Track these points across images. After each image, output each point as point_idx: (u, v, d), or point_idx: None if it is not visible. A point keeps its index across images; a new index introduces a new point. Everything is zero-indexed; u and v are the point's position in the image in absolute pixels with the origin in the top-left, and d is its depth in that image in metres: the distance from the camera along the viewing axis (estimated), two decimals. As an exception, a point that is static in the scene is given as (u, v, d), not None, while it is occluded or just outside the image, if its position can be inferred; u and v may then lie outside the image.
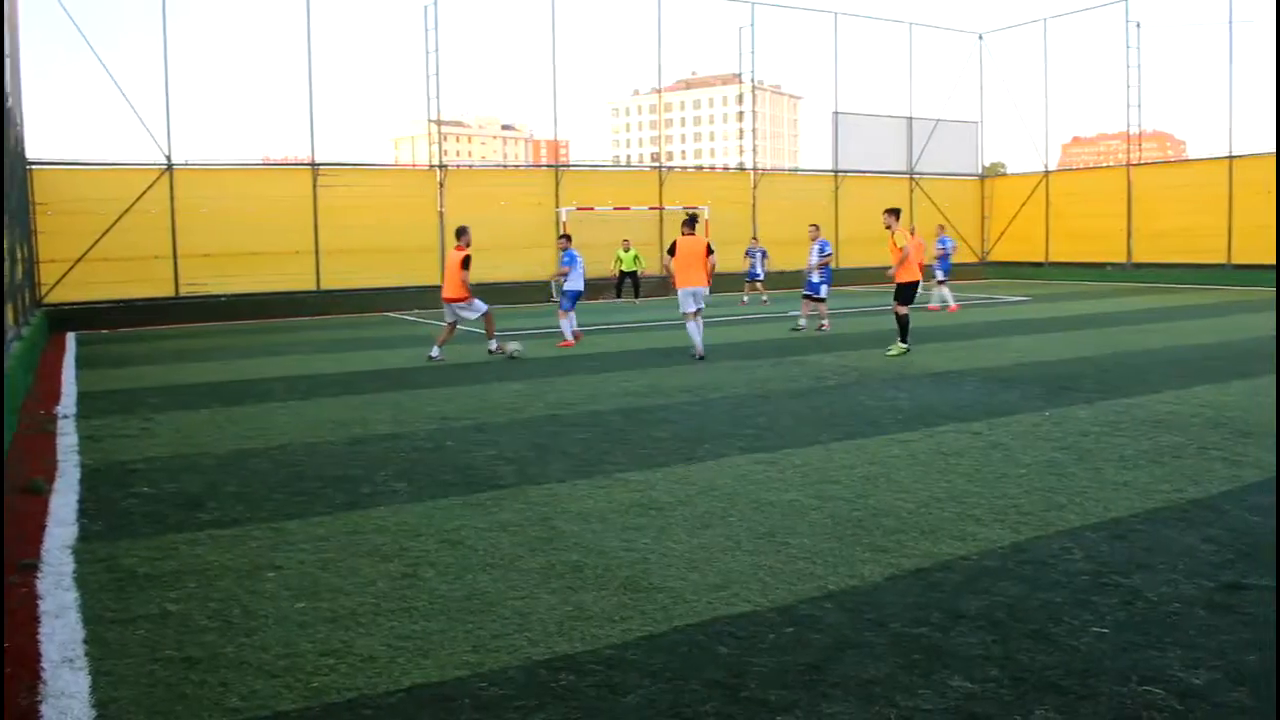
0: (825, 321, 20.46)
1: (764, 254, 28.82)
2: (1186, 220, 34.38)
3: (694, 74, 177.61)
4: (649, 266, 31.13)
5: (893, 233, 16.42)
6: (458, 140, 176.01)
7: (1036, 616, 5.19)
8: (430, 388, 13.47)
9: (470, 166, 50.13)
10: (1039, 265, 38.65)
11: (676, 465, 8.68)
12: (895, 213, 16.75)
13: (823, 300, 20.51)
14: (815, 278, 20.41)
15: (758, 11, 35.84)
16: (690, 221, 16.44)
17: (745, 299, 28.92)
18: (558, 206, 31.74)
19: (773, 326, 21.66)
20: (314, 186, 28.65)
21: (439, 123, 31.98)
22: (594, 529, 6.83)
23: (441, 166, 31.38)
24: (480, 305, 17.08)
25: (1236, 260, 33.19)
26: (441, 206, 30.47)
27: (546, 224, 31.71)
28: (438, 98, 31.00)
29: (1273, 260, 31.93)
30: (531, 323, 23.59)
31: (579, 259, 19.13)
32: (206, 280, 27.26)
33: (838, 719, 4.13)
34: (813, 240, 20.96)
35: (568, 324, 18.66)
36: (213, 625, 5.22)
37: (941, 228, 27.86)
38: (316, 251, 28.64)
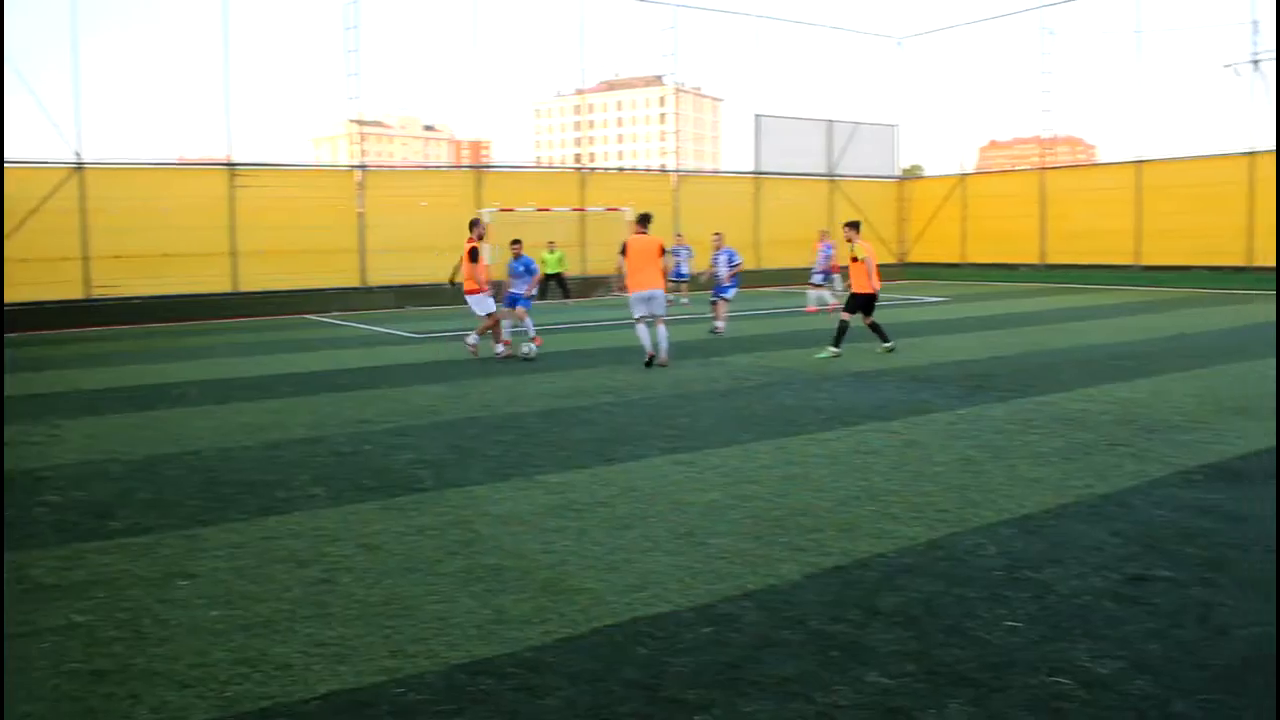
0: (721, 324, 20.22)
1: (689, 252, 28.70)
2: (1097, 222, 35.19)
3: (616, 76, 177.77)
4: (572, 268, 31.10)
5: (853, 245, 16.59)
6: (379, 140, 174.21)
7: (951, 612, 5.28)
8: (350, 391, 13.32)
9: (391, 167, 49.62)
10: (956, 266, 39.29)
11: (596, 467, 8.68)
12: (855, 225, 16.95)
13: (728, 301, 20.50)
14: (727, 282, 20.28)
15: (680, 14, 35.99)
16: (644, 219, 15.64)
17: (670, 298, 28.58)
18: (479, 208, 31.55)
19: (696, 327, 21.74)
20: (230, 186, 28.14)
21: (360, 123, 31.68)
22: (513, 531, 6.82)
23: (362, 167, 31.03)
24: (489, 305, 17.00)
25: (1145, 262, 34.04)
26: (362, 207, 30.12)
27: (467, 225, 31.48)
28: (358, 97, 30.73)
29: (1179, 262, 32.86)
30: (453, 325, 23.42)
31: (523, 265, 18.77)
32: (118, 282, 26.64)
33: (756, 717, 4.17)
34: (717, 248, 21.03)
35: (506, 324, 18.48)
36: (122, 636, 5.11)
37: (824, 233, 28.02)
38: (233, 253, 28.13)
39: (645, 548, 6.41)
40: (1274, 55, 25.34)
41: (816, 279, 26.15)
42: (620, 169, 79.25)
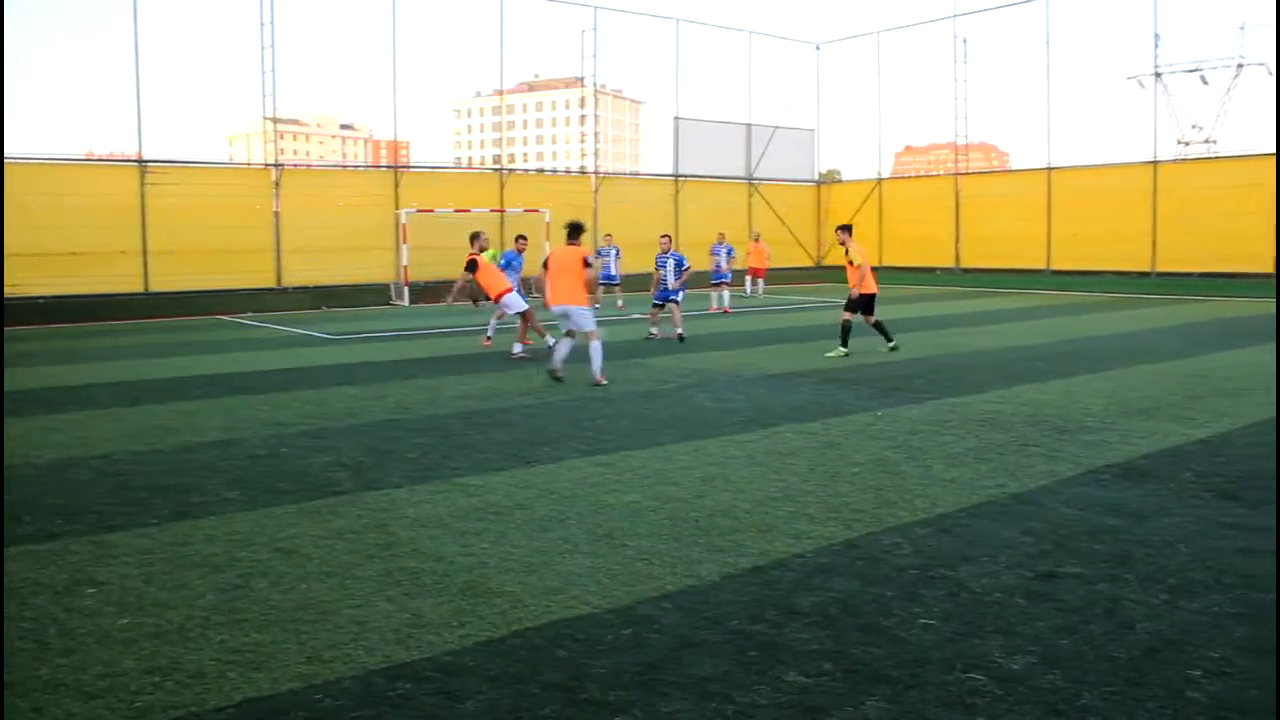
0: (681, 329, 19.67)
1: (618, 253, 28.41)
2: (1009, 228, 35.96)
3: (536, 76, 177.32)
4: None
5: (847, 249, 16.99)
6: (295, 139, 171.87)
7: (868, 610, 5.36)
8: (265, 393, 13.12)
9: (308, 166, 49.00)
10: (873, 269, 39.72)
11: (515, 469, 8.66)
12: (847, 229, 17.45)
13: (678, 304, 19.89)
14: (674, 287, 19.84)
15: (600, 16, 36.02)
16: (572, 230, 14.11)
17: (619, 302, 27.99)
18: (397, 208, 31.29)
19: (619, 329, 21.75)
20: (141, 184, 27.52)
21: (275, 120, 31.18)
22: (432, 534, 6.77)
23: (278, 165, 30.57)
24: (519, 303, 16.81)
25: (1055, 266, 34.83)
26: (277, 207, 29.66)
27: (386, 225, 31.22)
28: (274, 95, 30.20)
29: (1087, 267, 33.67)
30: (371, 326, 23.19)
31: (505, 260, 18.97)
32: (24, 282, 25.87)
33: (675, 718, 4.19)
34: (665, 251, 20.25)
35: (492, 323, 18.81)
36: (25, 646, 4.97)
37: (722, 235, 28.27)
38: (144, 252, 27.51)
39: (565, 550, 6.41)
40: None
41: (721, 279, 26.72)
42: (540, 170, 79.14)
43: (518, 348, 16.60)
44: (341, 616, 5.31)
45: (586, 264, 13.80)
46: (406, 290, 30.67)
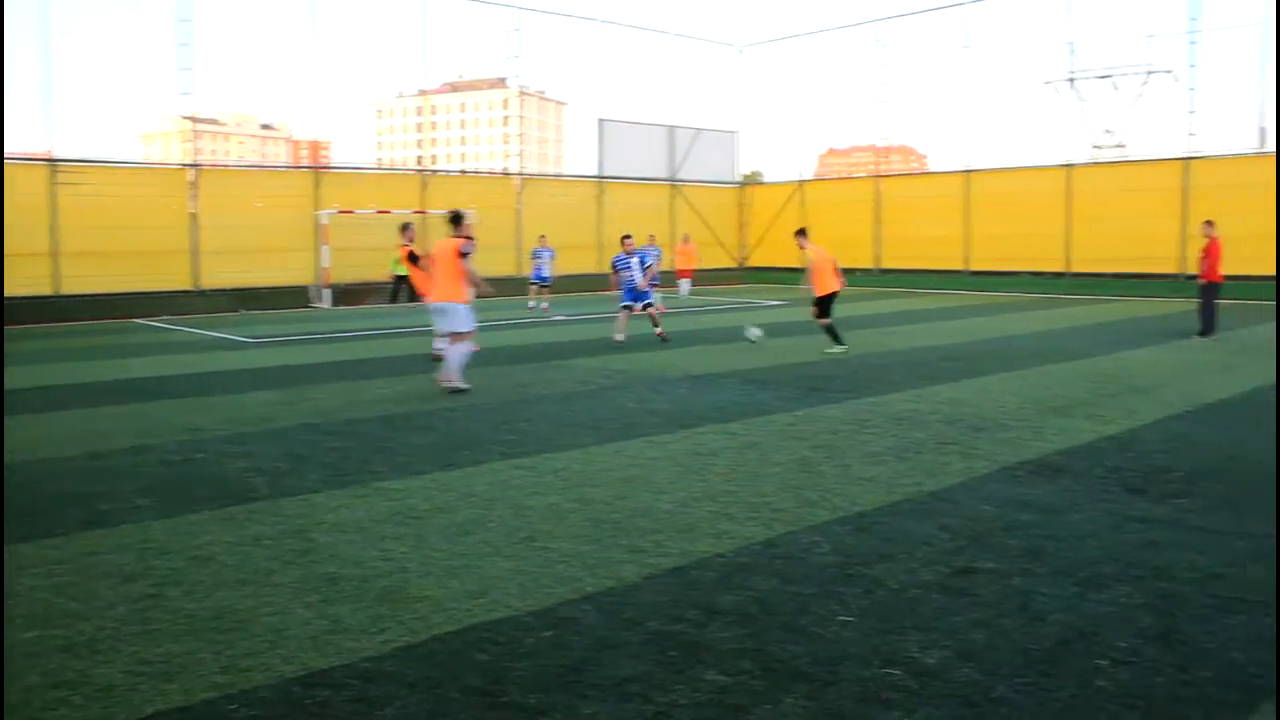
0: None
1: (552, 254, 28.13)
2: (928, 229, 36.49)
3: (460, 77, 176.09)
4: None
5: (805, 251, 17.47)
6: (213, 138, 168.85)
7: (787, 608, 5.41)
8: (181, 398, 12.87)
9: (226, 166, 48.17)
10: (795, 270, 39.99)
11: (436, 472, 8.60)
12: (803, 232, 17.93)
13: (651, 305, 19.19)
14: (644, 287, 19.25)
15: (524, 17, 35.91)
16: (455, 219, 13.26)
17: (531, 304, 27.73)
18: (318, 209, 30.90)
19: (543, 330, 21.71)
20: (52, 184, 26.82)
21: (193, 119, 30.66)
22: (351, 540, 6.70)
23: (195, 165, 30.01)
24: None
25: (973, 267, 35.41)
26: (195, 207, 29.10)
27: (306, 226, 30.80)
28: (191, 93, 29.68)
29: (1004, 267, 34.29)
30: (291, 329, 22.87)
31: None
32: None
33: (595, 719, 4.19)
34: (629, 252, 19.08)
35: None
36: (-71, 659, 4.83)
37: (652, 237, 28.42)
38: (55, 253, 26.79)
39: (485, 553, 6.38)
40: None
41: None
42: (463, 171, 78.52)
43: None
44: (258, 625, 5.23)
45: (462, 255, 12.76)
46: (327, 292, 30.29)
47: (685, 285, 33.21)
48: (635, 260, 19.02)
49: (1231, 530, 6.76)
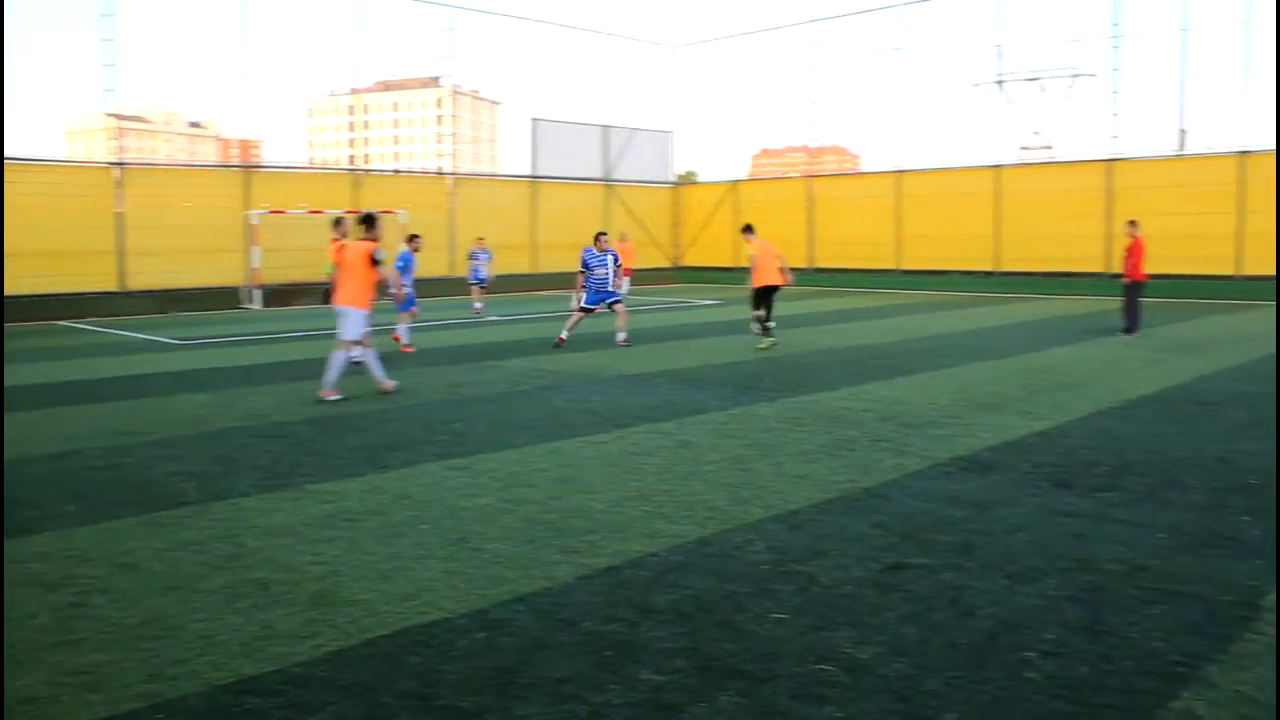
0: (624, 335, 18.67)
1: (489, 256, 27.66)
2: (861, 229, 36.86)
3: (393, 76, 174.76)
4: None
5: (748, 245, 17.79)
6: (140, 136, 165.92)
7: (722, 607, 5.43)
8: (107, 401, 12.61)
9: (153, 164, 47.27)
10: (729, 270, 40.33)
11: (369, 474, 8.52)
12: (748, 228, 18.20)
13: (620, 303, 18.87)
14: (619, 286, 19.00)
15: (457, 16, 35.73)
16: (366, 221, 12.87)
17: (479, 305, 26.86)
18: (248, 209, 30.46)
19: (478, 331, 21.59)
20: (-33, 183, 26.13)
21: (118, 116, 30.00)
22: (282, 543, 6.61)
23: (120, 164, 29.42)
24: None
25: (905, 266, 35.84)
26: (120, 207, 28.54)
27: (235, 227, 30.34)
28: (115, 90, 29.06)
29: (935, 267, 34.74)
30: (220, 330, 22.52)
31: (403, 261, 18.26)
32: None
33: (529, 720, 4.18)
34: (603, 250, 18.58)
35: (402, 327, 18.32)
36: None
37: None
38: (-29, 255, 26.10)
39: (418, 555, 6.33)
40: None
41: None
42: (396, 171, 77.83)
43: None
44: (186, 632, 5.14)
45: (373, 261, 12.46)
46: (259, 293, 29.88)
47: (625, 284, 33.26)
48: (609, 258, 18.56)
49: (1154, 523, 6.90)
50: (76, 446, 9.87)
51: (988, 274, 33.65)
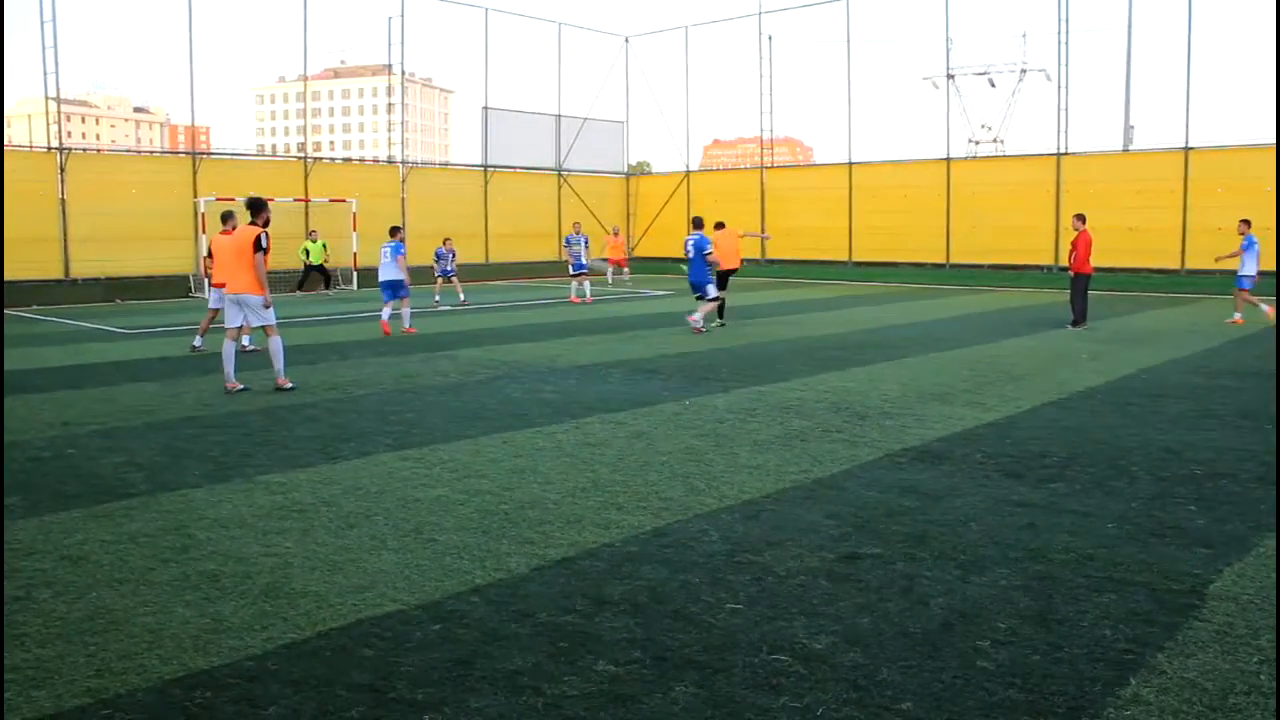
0: (697, 317, 18.95)
1: (453, 254, 27.08)
2: (813, 220, 37.00)
3: (343, 63, 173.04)
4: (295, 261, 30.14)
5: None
6: (83, 121, 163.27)
7: (677, 597, 5.43)
8: (50, 391, 12.40)
9: (97, 150, 46.52)
10: (681, 261, 40.30)
11: (320, 465, 8.44)
12: (720, 225, 20.29)
13: (715, 300, 19.22)
14: (704, 278, 19.12)
15: (408, 3, 35.38)
16: (253, 206, 12.43)
17: (463, 297, 26.61)
18: (196, 196, 30.03)
19: (431, 320, 21.44)
20: (-96, 168, 25.53)
21: (59, 100, 29.40)
22: (233, 535, 6.53)
23: (62, 149, 28.87)
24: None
25: (856, 258, 36.05)
26: (63, 193, 28.03)
27: (183, 214, 29.92)
28: (56, 72, 28.40)
29: (886, 259, 35.00)
30: (168, 319, 22.21)
31: (383, 251, 19.48)
32: None
33: (485, 712, 4.15)
34: (578, 232, 19.53)
35: (386, 311, 19.08)
36: None
37: (576, 225, 28.76)
38: (-91, 241, 25.53)
39: (372, 546, 6.28)
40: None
41: (584, 269, 27.33)
42: (347, 159, 77.21)
43: (198, 340, 16.53)
44: (135, 625, 5.06)
45: (258, 246, 12.06)
46: (207, 282, 29.43)
47: (623, 272, 34.42)
48: (691, 242, 19.45)
49: (1103, 513, 6.99)
50: (20, 437, 9.69)
51: (938, 266, 33.95)
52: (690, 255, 19.28)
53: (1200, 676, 4.44)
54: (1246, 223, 20.95)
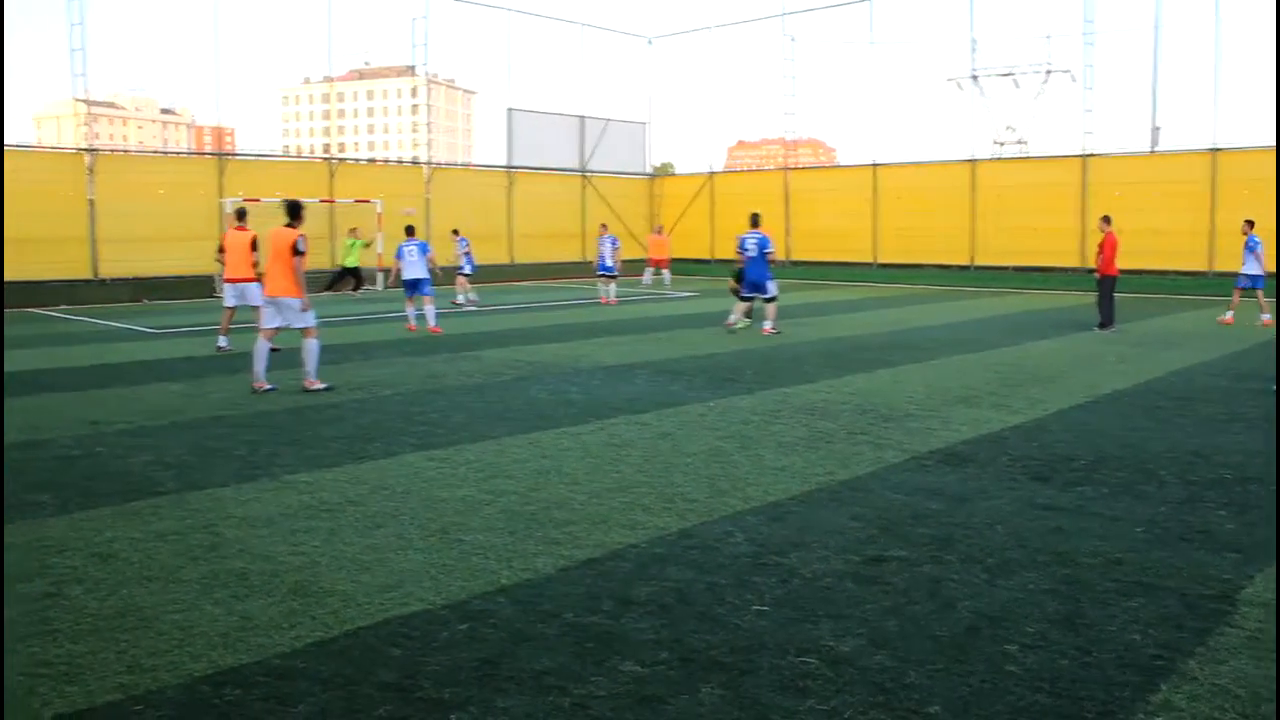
0: (769, 324, 18.84)
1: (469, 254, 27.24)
2: (837, 222, 36.92)
3: (367, 64, 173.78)
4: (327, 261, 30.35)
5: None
6: (111, 122, 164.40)
7: (703, 599, 5.43)
8: (78, 390, 12.50)
9: (125, 151, 46.79)
10: (705, 262, 40.33)
11: (347, 464, 8.48)
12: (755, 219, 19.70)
13: (773, 299, 19.11)
14: (764, 275, 18.94)
15: (432, 4, 35.50)
16: (291, 209, 12.67)
17: (472, 295, 26.80)
18: (222, 196, 30.22)
19: (457, 321, 21.49)
20: (-64, 168, 25.76)
21: (88, 102, 29.65)
22: (260, 534, 6.57)
23: (91, 150, 29.10)
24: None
25: (880, 260, 35.94)
26: (92, 194, 28.24)
27: (209, 214, 30.08)
28: (85, 74, 28.62)
29: (910, 260, 34.87)
30: (195, 319, 22.34)
31: (406, 250, 19.74)
32: None
33: (512, 712, 4.16)
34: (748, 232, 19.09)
35: (410, 311, 19.37)
36: None
37: (603, 227, 28.91)
38: (-58, 241, 25.77)
39: (398, 546, 6.31)
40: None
41: (610, 271, 27.34)
42: (371, 160, 77.43)
43: (223, 340, 16.50)
44: (164, 622, 5.10)
45: (296, 250, 12.14)
46: (217, 279, 29.59)
47: (663, 274, 34.27)
48: (755, 242, 19.35)
49: (1131, 517, 6.95)
50: (50, 436, 9.77)
51: (963, 268, 33.79)
52: (751, 254, 19.11)
53: (1232, 683, 4.41)
54: (1250, 223, 20.88)
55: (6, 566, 5.96)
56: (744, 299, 19.20)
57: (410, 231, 20.22)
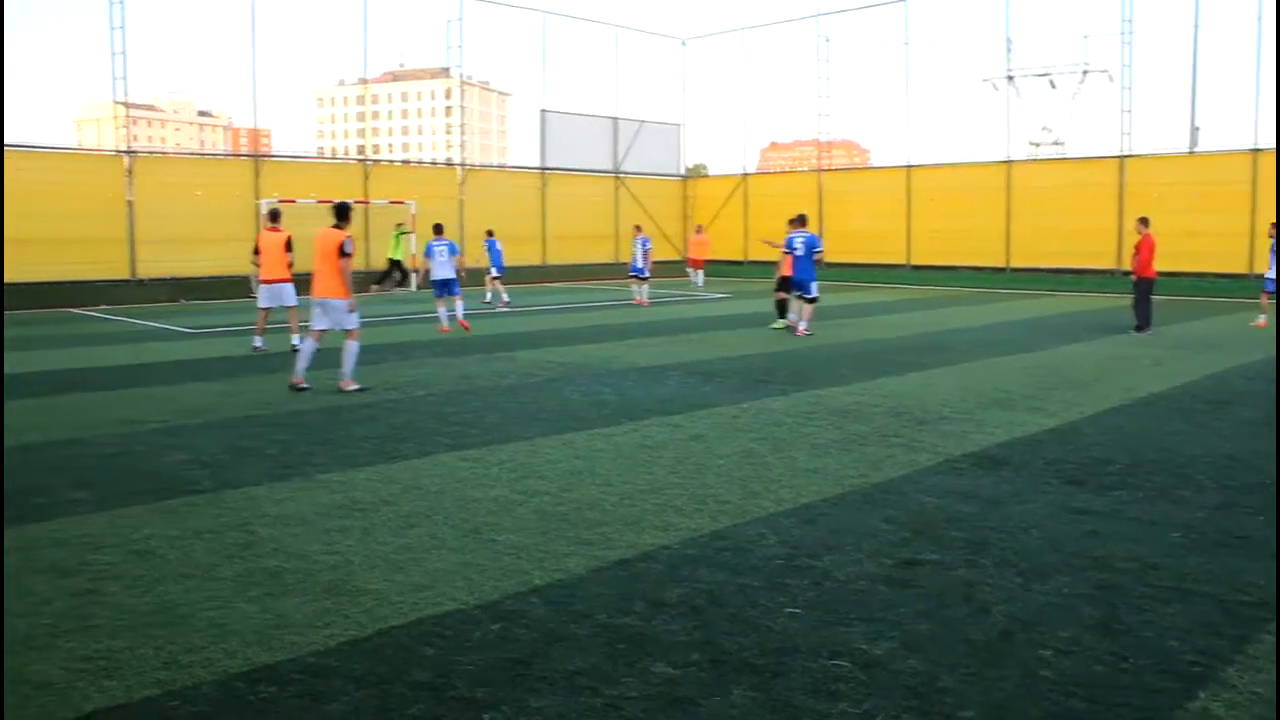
0: (804, 325, 18.90)
1: (495, 249, 27.09)
2: (871, 224, 36.76)
3: (402, 66, 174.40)
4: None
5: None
6: (149, 125, 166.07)
7: (735, 601, 5.42)
8: (114, 390, 12.64)
9: (163, 153, 47.27)
10: (738, 264, 40.27)
11: (380, 464, 8.53)
12: (792, 220, 19.67)
13: (814, 300, 19.11)
14: (809, 275, 18.91)
15: (466, 6, 35.63)
16: (339, 211, 12.53)
17: (493, 295, 26.72)
18: (258, 198, 30.46)
19: (489, 322, 21.58)
20: (-20, 170, 26.08)
21: (127, 105, 29.98)
22: (294, 533, 6.62)
23: (130, 152, 29.42)
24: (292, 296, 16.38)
25: (915, 261, 35.76)
26: (131, 195, 28.55)
27: (246, 215, 30.32)
28: (125, 77, 28.94)
29: (945, 262, 34.68)
30: (232, 319, 22.54)
31: (436, 249, 20.01)
32: None
33: (544, 712, 4.17)
34: (795, 231, 19.20)
35: (442, 311, 19.56)
36: None
37: (638, 228, 28.91)
38: (-16, 241, 26.09)
39: (431, 546, 6.34)
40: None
41: (640, 272, 27.46)
42: (405, 161, 77.79)
43: (258, 340, 16.64)
44: (200, 619, 5.15)
45: (343, 252, 12.10)
46: (253, 280, 29.81)
47: (698, 275, 34.75)
48: (802, 242, 19.28)
49: (1168, 521, 6.88)
50: (88, 434, 9.89)
51: (998, 270, 33.57)
52: (799, 253, 19.02)
53: (1270, 691, 4.36)
54: (1277, 225, 20.66)
55: (51, 563, 6.04)
56: (809, 299, 18.97)
57: (439, 230, 20.33)
